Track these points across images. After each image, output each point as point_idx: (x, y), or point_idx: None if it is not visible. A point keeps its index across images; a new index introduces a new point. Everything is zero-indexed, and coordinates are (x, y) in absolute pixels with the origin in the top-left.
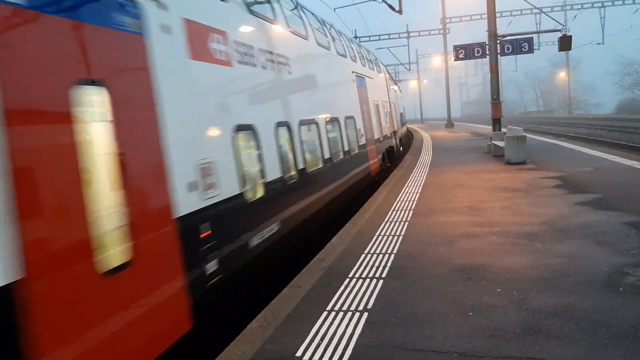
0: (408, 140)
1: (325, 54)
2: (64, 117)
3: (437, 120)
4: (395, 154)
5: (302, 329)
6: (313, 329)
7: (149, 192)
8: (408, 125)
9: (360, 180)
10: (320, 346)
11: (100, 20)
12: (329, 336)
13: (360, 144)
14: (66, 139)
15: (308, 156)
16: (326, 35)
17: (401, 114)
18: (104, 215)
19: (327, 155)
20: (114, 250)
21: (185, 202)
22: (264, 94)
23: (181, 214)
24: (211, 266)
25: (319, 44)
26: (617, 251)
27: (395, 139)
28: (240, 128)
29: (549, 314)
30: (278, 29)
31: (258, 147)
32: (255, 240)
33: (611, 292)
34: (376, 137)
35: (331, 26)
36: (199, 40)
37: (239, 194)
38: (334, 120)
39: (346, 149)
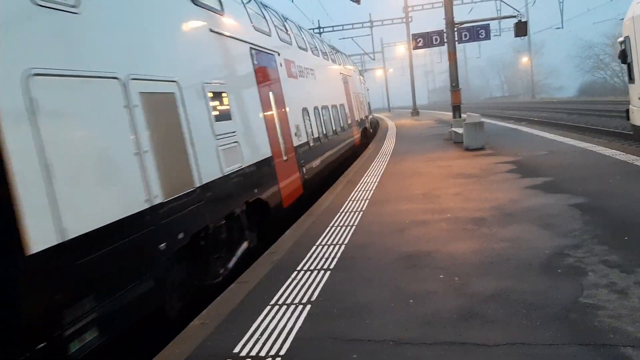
0: (373, 130)
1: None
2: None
3: (404, 109)
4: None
5: (243, 325)
6: (254, 325)
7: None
8: (375, 114)
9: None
10: (259, 341)
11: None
12: (269, 331)
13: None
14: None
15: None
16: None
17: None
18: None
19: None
20: None
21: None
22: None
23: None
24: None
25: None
26: (560, 233)
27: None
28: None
29: (487, 298)
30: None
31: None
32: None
33: (549, 274)
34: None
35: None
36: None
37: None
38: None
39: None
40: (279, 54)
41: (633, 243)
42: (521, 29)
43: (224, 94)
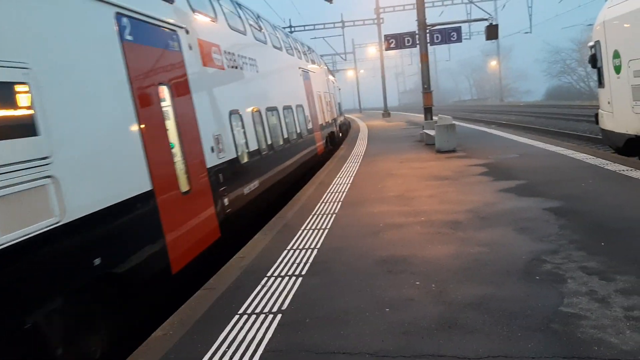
0: (344, 132)
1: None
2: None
3: (375, 110)
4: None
5: (209, 335)
6: (221, 336)
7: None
8: (346, 115)
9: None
10: (227, 354)
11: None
12: (237, 342)
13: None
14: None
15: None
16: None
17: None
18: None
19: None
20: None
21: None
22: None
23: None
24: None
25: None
26: (536, 238)
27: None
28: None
29: (466, 306)
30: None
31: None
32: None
33: (528, 281)
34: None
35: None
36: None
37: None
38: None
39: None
40: (187, 32)
41: (610, 249)
42: (492, 32)
43: (19, 88)
